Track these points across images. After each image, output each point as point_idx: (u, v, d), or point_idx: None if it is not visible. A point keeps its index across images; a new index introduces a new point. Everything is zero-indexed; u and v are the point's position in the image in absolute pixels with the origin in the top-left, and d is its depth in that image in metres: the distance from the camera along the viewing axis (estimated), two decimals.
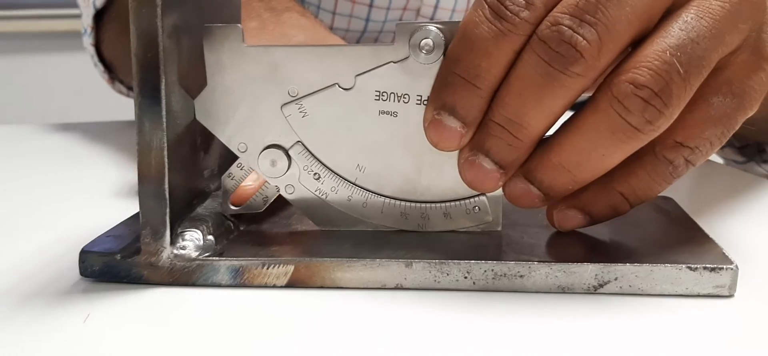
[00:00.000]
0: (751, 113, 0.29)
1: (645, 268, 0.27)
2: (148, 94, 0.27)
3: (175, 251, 0.28)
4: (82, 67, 1.11)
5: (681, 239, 0.30)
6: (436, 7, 0.66)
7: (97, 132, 0.62)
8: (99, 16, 0.65)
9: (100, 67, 0.67)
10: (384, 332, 0.25)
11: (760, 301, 0.27)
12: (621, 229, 0.31)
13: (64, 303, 0.27)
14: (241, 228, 0.32)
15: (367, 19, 0.66)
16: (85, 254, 0.29)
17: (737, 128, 0.29)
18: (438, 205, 0.31)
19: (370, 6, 0.65)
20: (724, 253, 0.28)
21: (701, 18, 0.27)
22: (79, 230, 0.35)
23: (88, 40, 0.66)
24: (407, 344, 0.24)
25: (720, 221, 0.37)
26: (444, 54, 0.28)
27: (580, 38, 0.26)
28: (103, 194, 0.42)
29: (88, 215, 0.38)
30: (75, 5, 0.71)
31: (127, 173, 0.47)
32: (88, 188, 0.44)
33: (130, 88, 0.69)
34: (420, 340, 0.24)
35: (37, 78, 1.91)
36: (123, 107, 0.83)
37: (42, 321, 0.26)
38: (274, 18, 0.51)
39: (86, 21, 0.65)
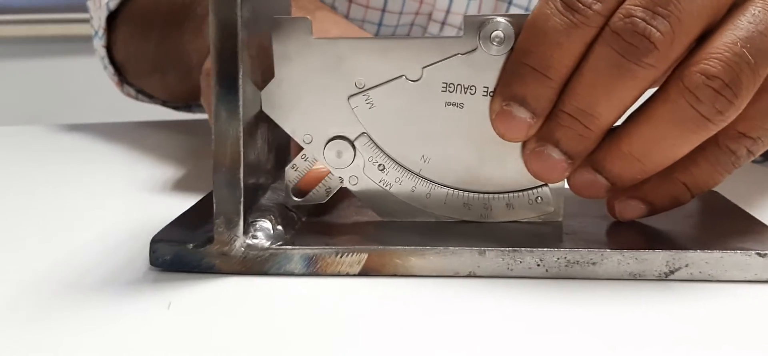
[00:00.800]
0: None
1: (715, 255, 0.28)
2: (225, 83, 0.27)
3: (248, 241, 0.28)
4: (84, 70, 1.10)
5: (737, 228, 0.31)
6: (447, 11, 0.66)
7: (112, 133, 0.61)
8: (110, 19, 0.64)
9: (111, 69, 0.67)
10: (460, 319, 0.25)
11: None
12: (676, 219, 0.32)
13: (141, 292, 0.27)
14: (303, 219, 0.32)
15: (380, 24, 0.66)
16: (156, 243, 0.29)
17: None
18: (501, 195, 0.31)
19: (383, 11, 0.66)
20: None
21: None
22: (130, 223, 0.35)
23: (99, 43, 0.66)
24: (484, 330, 0.25)
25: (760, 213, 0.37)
26: (512, 47, 0.29)
27: (654, 30, 0.27)
28: (133, 190, 0.42)
29: (128, 210, 0.38)
30: (82, 10, 0.70)
31: (154, 171, 0.47)
32: (114, 184, 0.44)
33: (139, 91, 0.68)
34: (497, 327, 0.25)
35: (41, 81, 1.89)
36: (119, 113, 0.83)
37: (124, 311, 0.26)
38: (308, 16, 0.51)
39: (97, 23, 0.65)
